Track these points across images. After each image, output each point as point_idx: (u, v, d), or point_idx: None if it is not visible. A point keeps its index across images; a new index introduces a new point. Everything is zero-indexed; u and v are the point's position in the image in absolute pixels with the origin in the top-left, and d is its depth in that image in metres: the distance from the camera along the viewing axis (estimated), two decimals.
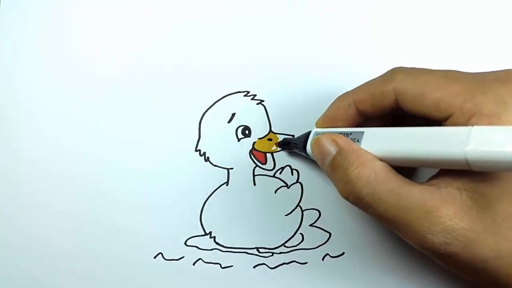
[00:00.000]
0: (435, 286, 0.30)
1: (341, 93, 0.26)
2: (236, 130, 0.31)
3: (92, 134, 0.31)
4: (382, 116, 0.25)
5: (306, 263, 0.30)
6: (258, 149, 0.30)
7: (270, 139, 0.30)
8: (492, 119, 0.19)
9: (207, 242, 0.30)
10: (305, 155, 0.28)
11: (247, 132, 0.31)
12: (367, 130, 0.24)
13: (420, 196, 0.21)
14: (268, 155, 0.30)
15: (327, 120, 0.26)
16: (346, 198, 0.23)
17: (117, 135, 0.31)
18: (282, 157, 0.30)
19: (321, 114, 0.27)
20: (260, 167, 0.30)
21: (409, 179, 0.22)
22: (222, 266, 0.30)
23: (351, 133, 0.24)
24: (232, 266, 0.30)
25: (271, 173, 0.30)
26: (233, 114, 0.31)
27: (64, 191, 0.31)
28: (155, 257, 0.30)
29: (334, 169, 0.23)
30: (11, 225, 0.30)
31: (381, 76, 0.24)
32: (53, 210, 0.30)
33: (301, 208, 0.30)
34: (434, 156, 0.20)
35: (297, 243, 0.30)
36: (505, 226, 0.20)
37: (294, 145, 0.29)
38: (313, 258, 0.30)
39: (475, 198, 0.20)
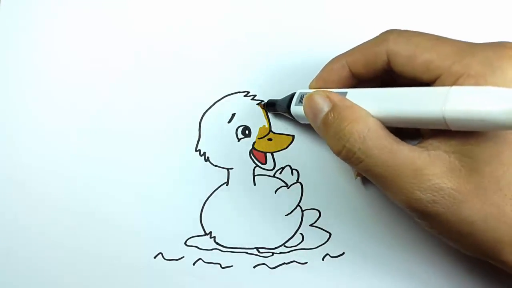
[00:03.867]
0: (435, 285, 0.30)
1: None
2: (236, 130, 0.31)
3: (92, 133, 0.31)
4: (374, 79, 0.25)
5: (306, 263, 0.30)
6: (258, 149, 0.30)
7: (270, 139, 0.30)
8: (478, 81, 0.20)
9: (207, 242, 0.30)
10: (289, 116, 0.28)
11: (247, 132, 0.31)
12: (350, 91, 0.24)
13: (410, 155, 0.21)
14: (268, 155, 0.31)
15: (321, 81, 0.26)
16: (338, 153, 0.23)
17: (117, 135, 0.31)
18: (282, 157, 0.30)
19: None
20: (260, 167, 0.30)
21: None
22: (222, 266, 0.30)
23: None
24: (232, 266, 0.30)
25: (271, 173, 0.30)
26: (233, 114, 0.31)
27: (64, 191, 0.31)
28: (155, 257, 0.30)
29: (327, 125, 0.23)
30: (11, 225, 0.30)
31: (374, 37, 0.24)
32: (53, 211, 0.30)
33: (301, 208, 0.30)
34: (414, 114, 0.20)
35: (297, 243, 0.30)
36: (491, 189, 0.20)
37: (279, 106, 0.29)
38: (313, 258, 0.30)
39: (463, 161, 0.21)
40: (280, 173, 0.30)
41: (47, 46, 0.32)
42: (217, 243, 0.30)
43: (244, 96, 0.31)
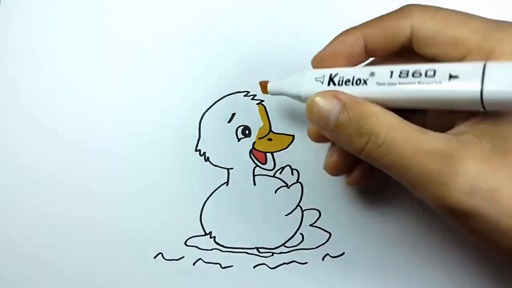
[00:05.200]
0: (435, 285, 0.30)
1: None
2: (236, 130, 0.31)
3: (92, 134, 0.31)
4: (387, 58, 0.23)
5: (306, 263, 0.30)
6: (258, 149, 0.30)
7: (270, 139, 0.30)
8: (511, 57, 0.19)
9: (207, 242, 0.30)
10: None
11: (247, 132, 0.31)
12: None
13: (439, 141, 0.19)
14: (268, 155, 0.31)
15: (329, 53, 0.24)
16: (361, 150, 0.21)
17: (117, 135, 0.31)
18: (282, 157, 0.30)
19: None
20: (260, 167, 0.30)
21: None
22: (222, 266, 0.30)
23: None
24: (232, 266, 0.30)
25: (271, 173, 0.30)
26: (233, 114, 0.31)
27: (64, 191, 0.31)
28: (155, 257, 0.30)
29: (343, 126, 0.21)
30: (11, 225, 0.30)
31: (396, 11, 0.22)
32: (53, 211, 0.30)
33: (301, 208, 0.30)
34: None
35: (297, 243, 0.30)
36: None
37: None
38: (313, 258, 0.30)
39: (495, 143, 0.19)
40: (280, 173, 0.30)
41: (47, 46, 0.32)
42: (217, 243, 0.30)
43: (244, 96, 0.31)
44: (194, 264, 0.30)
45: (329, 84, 0.23)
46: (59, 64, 0.32)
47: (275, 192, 0.30)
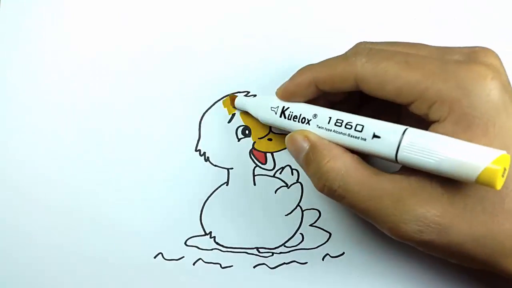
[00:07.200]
0: (435, 285, 0.30)
1: None
2: (236, 130, 0.31)
3: (92, 134, 0.31)
4: (342, 95, 0.25)
5: (306, 263, 0.30)
6: (258, 149, 0.30)
7: (270, 139, 0.30)
8: (453, 105, 0.20)
9: (207, 242, 0.30)
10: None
11: (247, 132, 0.31)
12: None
13: (390, 186, 0.21)
14: (268, 155, 0.31)
15: (287, 94, 0.26)
16: (321, 191, 0.24)
17: (117, 135, 0.31)
18: (282, 157, 0.30)
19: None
20: (260, 167, 0.30)
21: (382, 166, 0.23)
22: (222, 266, 0.30)
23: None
24: (232, 266, 0.30)
25: (271, 173, 0.30)
26: (233, 114, 0.31)
27: (64, 191, 0.31)
28: (155, 257, 0.30)
29: (308, 164, 0.24)
30: (11, 225, 0.30)
31: (343, 58, 0.23)
32: (53, 210, 0.30)
33: (301, 208, 0.30)
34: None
35: (297, 243, 0.30)
36: (477, 209, 0.20)
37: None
38: (313, 258, 0.30)
39: (445, 185, 0.20)
40: (280, 173, 0.30)
41: (47, 46, 0.32)
42: (217, 243, 0.30)
43: (244, 96, 0.31)
44: (194, 264, 0.30)
45: (280, 116, 0.26)
46: (59, 64, 0.32)
47: (275, 192, 0.30)
